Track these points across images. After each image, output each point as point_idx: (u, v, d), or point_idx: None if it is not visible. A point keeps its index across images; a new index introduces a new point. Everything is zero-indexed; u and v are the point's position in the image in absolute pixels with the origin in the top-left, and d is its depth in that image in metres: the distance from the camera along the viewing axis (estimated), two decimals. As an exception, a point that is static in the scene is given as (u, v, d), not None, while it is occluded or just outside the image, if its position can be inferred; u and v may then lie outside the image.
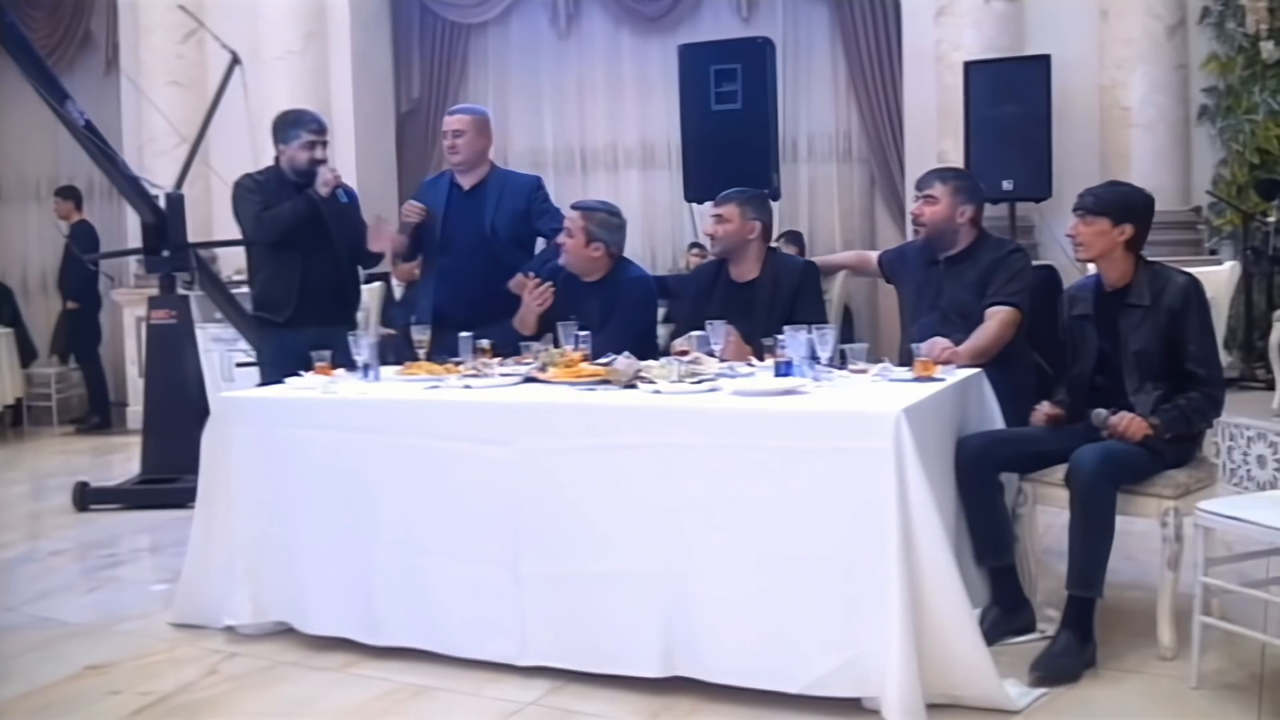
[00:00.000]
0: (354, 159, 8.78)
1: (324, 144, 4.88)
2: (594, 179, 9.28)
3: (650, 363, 3.57)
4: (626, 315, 4.34)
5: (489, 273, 4.71)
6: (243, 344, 6.47)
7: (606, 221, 4.45)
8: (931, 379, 3.37)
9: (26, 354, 9.30)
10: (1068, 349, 3.65)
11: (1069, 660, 3.14)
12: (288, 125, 4.86)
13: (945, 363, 3.55)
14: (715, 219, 4.34)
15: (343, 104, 8.76)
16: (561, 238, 4.45)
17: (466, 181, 4.85)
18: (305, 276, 4.74)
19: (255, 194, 4.78)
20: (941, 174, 4.19)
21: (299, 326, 4.64)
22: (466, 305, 4.61)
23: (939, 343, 3.64)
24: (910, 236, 4.22)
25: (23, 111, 9.28)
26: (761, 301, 4.24)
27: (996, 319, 3.90)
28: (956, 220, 4.04)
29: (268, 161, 4.93)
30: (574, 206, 4.49)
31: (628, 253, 4.57)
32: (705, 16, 8.77)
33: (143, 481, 6.07)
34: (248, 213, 4.79)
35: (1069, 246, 3.62)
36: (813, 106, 8.77)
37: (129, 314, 8.85)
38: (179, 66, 8.71)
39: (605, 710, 3.05)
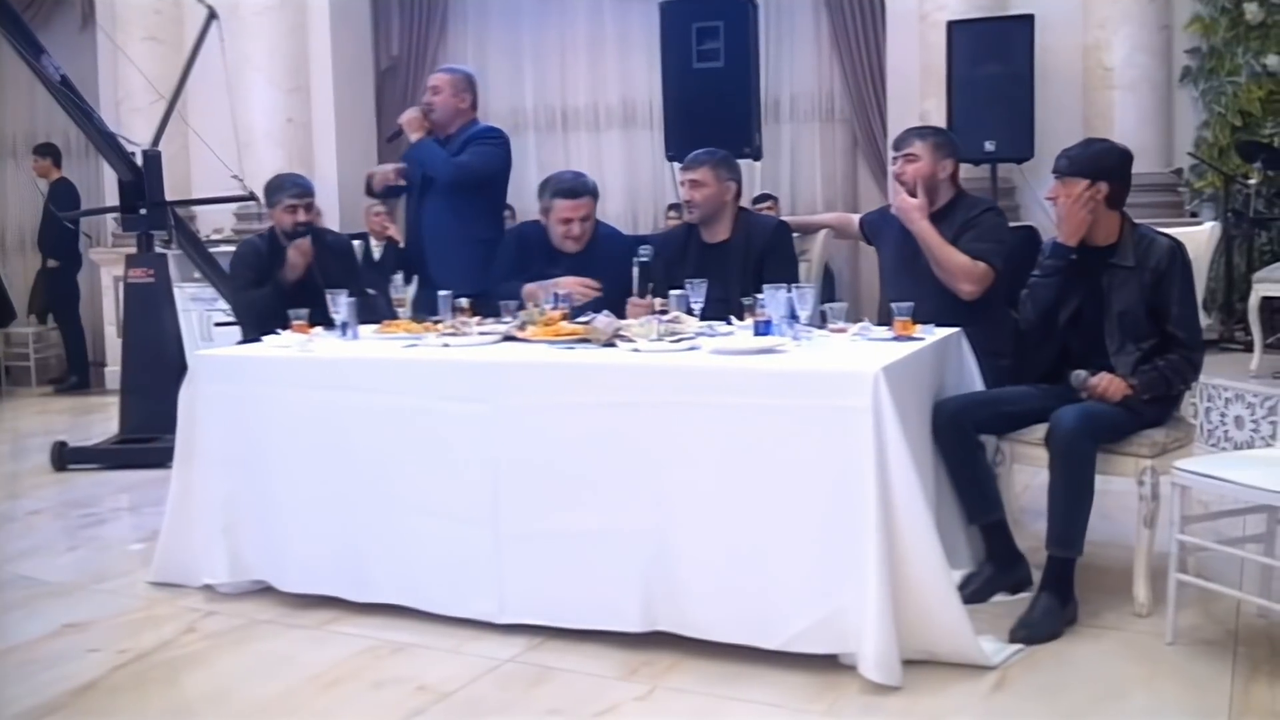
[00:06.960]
0: (333, 116, 8.74)
1: (306, 206, 4.94)
2: (575, 138, 9.23)
3: (629, 321, 3.56)
4: (603, 272, 4.32)
5: (453, 223, 4.83)
6: (221, 303, 6.44)
7: (596, 191, 4.52)
8: (911, 338, 3.38)
9: (5, 314, 9.23)
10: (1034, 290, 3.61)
11: (1050, 623, 3.14)
12: (271, 191, 4.99)
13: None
14: (690, 184, 4.27)
15: (321, 60, 8.69)
16: (575, 229, 4.38)
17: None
18: None
19: (250, 269, 4.92)
20: (919, 131, 4.20)
21: None
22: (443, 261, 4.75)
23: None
24: (892, 197, 4.20)
25: (-2, 68, 9.20)
26: (734, 262, 4.21)
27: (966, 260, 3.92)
28: (939, 176, 4.04)
29: (243, 118, 4.93)
30: (569, 195, 4.39)
31: (610, 212, 4.56)
32: (688, -27, 8.70)
33: (121, 441, 6.05)
34: (237, 284, 5.07)
35: (1050, 208, 3.61)
36: (795, 66, 8.72)
37: (107, 273, 8.80)
38: (156, 22, 8.63)
39: (584, 666, 3.05)
